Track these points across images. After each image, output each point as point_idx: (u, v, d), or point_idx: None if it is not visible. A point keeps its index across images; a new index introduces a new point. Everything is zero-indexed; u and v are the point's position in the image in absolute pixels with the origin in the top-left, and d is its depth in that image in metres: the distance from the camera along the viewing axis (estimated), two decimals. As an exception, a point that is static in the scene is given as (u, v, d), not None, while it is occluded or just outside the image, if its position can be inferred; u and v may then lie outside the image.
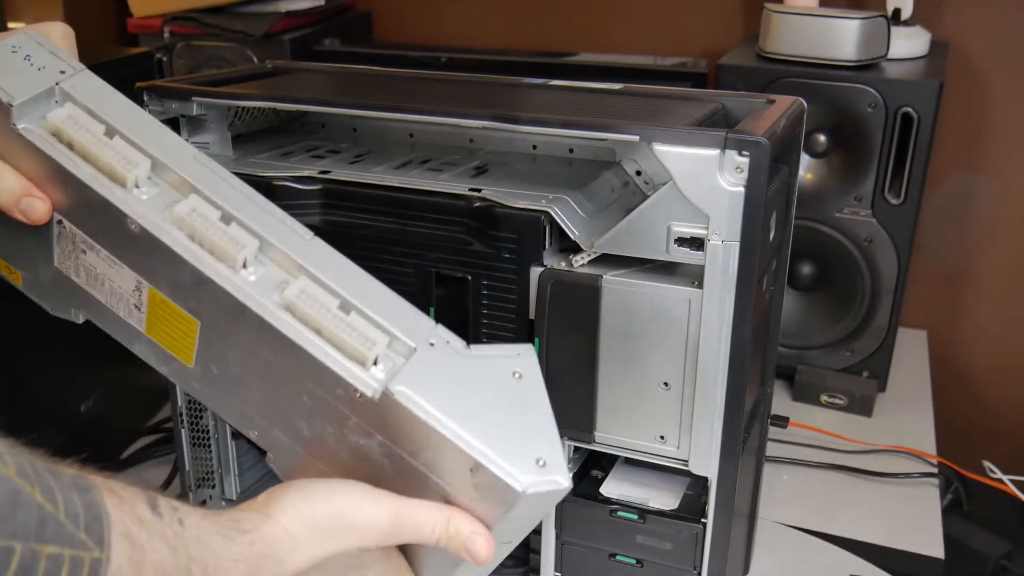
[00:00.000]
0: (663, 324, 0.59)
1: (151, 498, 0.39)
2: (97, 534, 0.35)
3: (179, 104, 0.70)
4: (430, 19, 1.44)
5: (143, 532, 0.37)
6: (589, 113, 0.66)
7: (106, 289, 0.51)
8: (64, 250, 0.51)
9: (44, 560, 0.33)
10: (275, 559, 0.42)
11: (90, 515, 0.35)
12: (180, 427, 0.80)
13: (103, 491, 0.36)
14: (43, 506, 0.33)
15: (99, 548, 0.35)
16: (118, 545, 0.36)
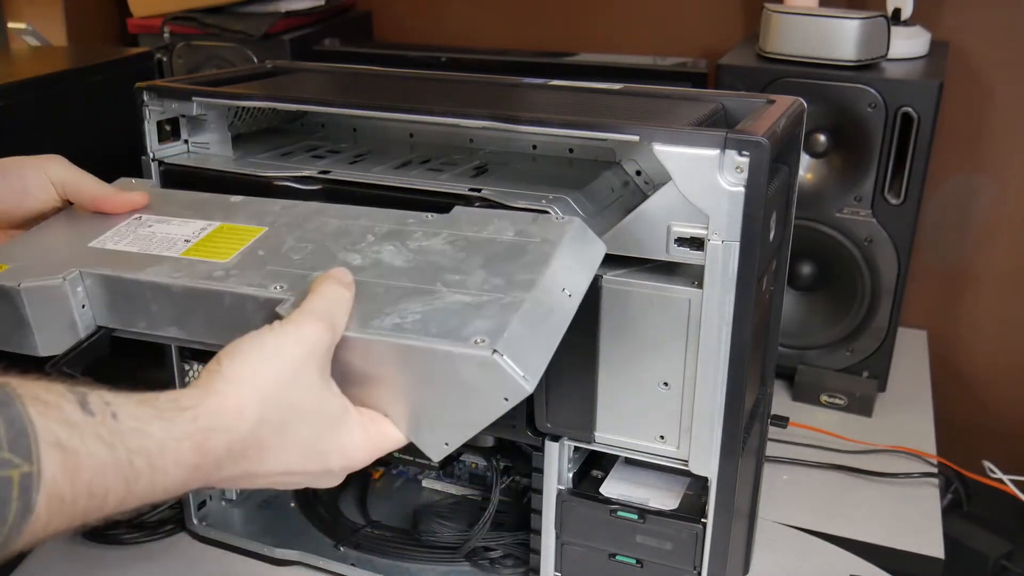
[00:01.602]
0: (663, 324, 0.59)
1: (81, 396, 0.37)
2: (23, 449, 0.34)
3: (179, 104, 0.70)
4: (430, 19, 1.44)
5: (74, 435, 0.36)
6: (589, 113, 0.66)
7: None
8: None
9: None
10: (223, 429, 0.41)
11: (12, 431, 0.34)
12: (180, 427, 0.80)
13: (26, 400, 0.35)
14: None
15: (27, 462, 0.34)
16: (48, 455, 0.34)
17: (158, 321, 0.52)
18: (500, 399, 0.45)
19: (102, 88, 0.93)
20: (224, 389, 0.42)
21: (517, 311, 0.46)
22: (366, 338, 0.46)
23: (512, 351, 0.44)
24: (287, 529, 0.82)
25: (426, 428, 0.48)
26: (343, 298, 0.47)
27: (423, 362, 0.45)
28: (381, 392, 0.48)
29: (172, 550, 0.82)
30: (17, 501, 0.33)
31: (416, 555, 0.78)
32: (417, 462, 0.77)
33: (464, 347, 0.44)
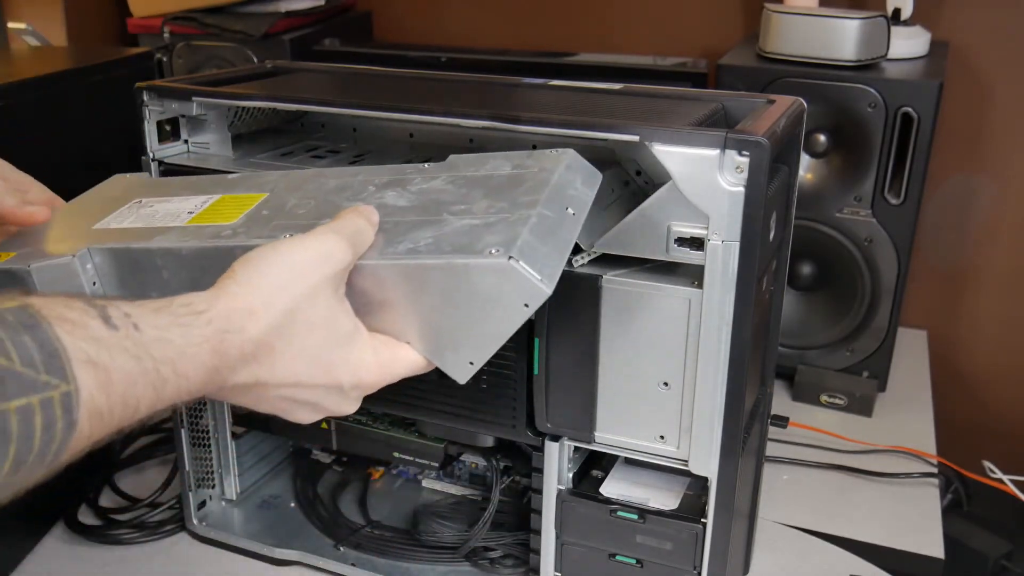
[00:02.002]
0: (663, 324, 0.60)
1: (102, 311, 0.38)
2: (58, 370, 0.35)
3: (179, 104, 0.70)
4: (430, 19, 1.44)
5: (103, 351, 0.37)
6: (589, 113, 0.66)
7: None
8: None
9: (14, 415, 0.33)
10: (235, 330, 0.43)
11: (45, 353, 0.35)
12: (180, 427, 0.80)
13: (52, 321, 0.36)
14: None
15: (65, 382, 0.35)
16: (82, 373, 0.36)
17: (171, 288, 0.52)
18: (520, 305, 0.46)
19: (102, 88, 0.93)
20: (235, 291, 0.44)
21: (526, 224, 0.47)
22: (383, 263, 0.47)
23: (527, 258, 0.45)
24: (287, 529, 0.82)
25: (449, 348, 0.48)
26: (365, 231, 0.49)
27: (441, 280, 0.46)
28: (401, 317, 0.48)
29: (172, 550, 0.82)
30: (62, 420, 0.35)
31: (416, 555, 0.78)
32: (417, 462, 0.77)
33: (480, 258, 0.45)
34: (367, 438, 0.77)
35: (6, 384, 0.33)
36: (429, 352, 0.49)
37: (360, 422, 0.78)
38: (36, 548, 0.81)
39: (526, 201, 0.50)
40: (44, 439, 0.34)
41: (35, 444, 0.34)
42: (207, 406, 0.81)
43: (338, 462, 0.91)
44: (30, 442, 0.34)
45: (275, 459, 0.92)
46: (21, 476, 0.35)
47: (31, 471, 0.35)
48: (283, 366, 0.45)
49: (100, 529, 0.83)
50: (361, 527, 0.82)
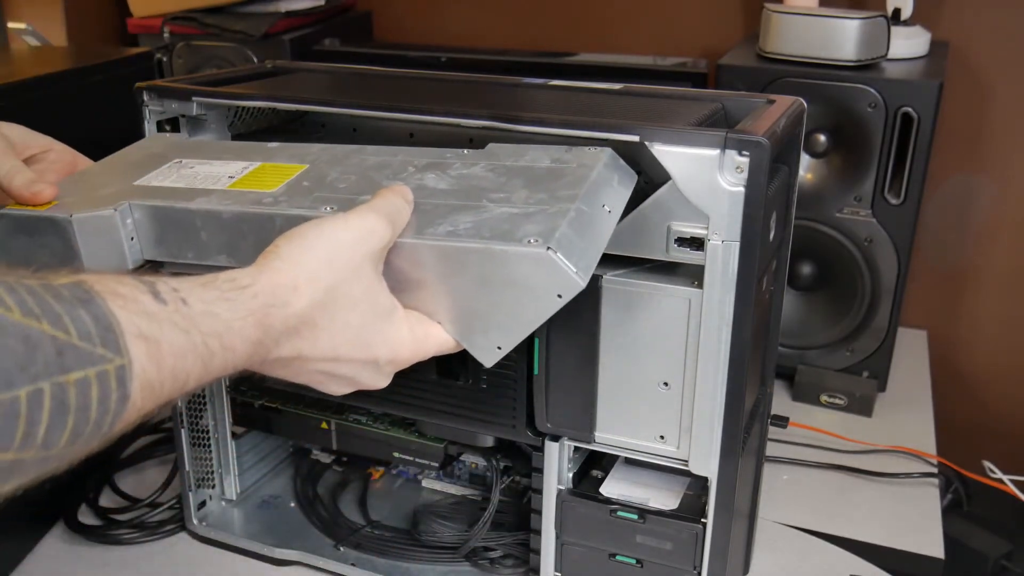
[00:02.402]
0: (663, 324, 0.60)
1: (151, 286, 0.39)
2: (113, 344, 0.36)
3: (179, 104, 0.70)
4: (430, 19, 1.44)
5: (154, 325, 0.38)
6: (589, 113, 0.66)
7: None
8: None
9: (73, 388, 0.34)
10: (280, 304, 0.44)
11: (100, 327, 0.36)
12: (180, 427, 0.80)
13: (105, 296, 0.37)
14: (56, 337, 0.34)
15: (119, 356, 0.36)
16: (135, 347, 0.37)
17: (207, 250, 0.53)
18: (554, 296, 0.47)
19: (102, 88, 0.93)
20: (278, 267, 0.45)
21: (565, 217, 0.48)
22: (422, 243, 0.48)
23: (564, 249, 0.46)
24: (287, 529, 0.82)
25: (479, 332, 0.49)
26: (403, 209, 0.50)
27: (479, 263, 0.47)
28: (434, 297, 0.49)
29: (172, 550, 0.82)
30: (116, 392, 0.36)
31: (416, 555, 0.78)
32: (417, 462, 0.77)
33: (519, 246, 0.46)
34: (367, 438, 0.77)
35: (65, 357, 0.34)
36: (459, 334, 0.50)
37: (360, 422, 0.78)
38: (36, 548, 0.81)
39: (565, 195, 0.51)
40: (99, 411, 0.35)
41: (91, 416, 0.35)
42: (207, 406, 0.81)
43: (338, 462, 0.91)
44: (87, 414, 0.35)
45: (275, 459, 0.92)
46: (78, 447, 0.35)
47: (87, 442, 0.36)
48: (324, 341, 0.46)
49: (100, 529, 0.83)
50: (361, 527, 0.82)
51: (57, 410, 0.33)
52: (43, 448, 0.34)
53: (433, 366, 0.67)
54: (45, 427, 0.33)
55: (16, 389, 0.32)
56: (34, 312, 0.34)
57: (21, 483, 0.35)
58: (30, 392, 0.32)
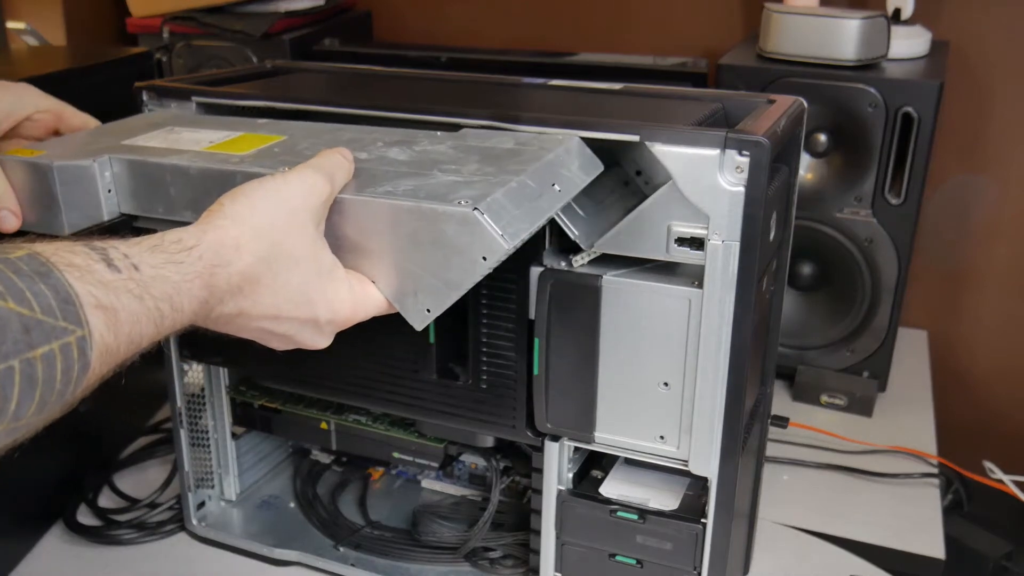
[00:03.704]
0: (663, 324, 0.59)
1: (103, 254, 0.40)
2: (73, 316, 0.37)
3: (179, 104, 0.70)
4: (430, 19, 1.44)
5: (110, 294, 0.39)
6: (589, 113, 0.66)
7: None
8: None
9: (40, 362, 0.35)
10: (223, 263, 0.45)
11: (60, 300, 0.37)
12: (179, 427, 0.80)
13: (62, 268, 0.38)
14: (22, 314, 0.35)
15: (79, 327, 0.37)
16: (94, 317, 0.38)
17: (175, 205, 0.56)
18: (479, 258, 0.47)
19: (101, 88, 0.93)
20: (223, 224, 0.45)
21: (503, 186, 0.50)
22: (357, 199, 0.50)
23: (492, 212, 0.47)
24: (287, 529, 0.82)
25: (409, 294, 0.50)
26: (343, 165, 0.51)
27: (409, 221, 0.48)
28: (369, 256, 0.51)
29: (172, 550, 0.82)
30: (78, 362, 0.37)
31: (416, 555, 0.78)
32: (417, 462, 0.77)
33: (447, 205, 0.47)
34: (367, 438, 0.77)
35: (31, 334, 0.35)
36: (392, 294, 0.51)
37: (360, 422, 0.78)
38: (35, 548, 0.81)
39: (513, 169, 0.53)
40: (63, 382, 0.36)
41: (56, 387, 0.36)
42: (206, 406, 0.81)
43: (338, 462, 0.91)
44: (52, 385, 0.36)
45: (275, 459, 0.92)
46: (43, 416, 0.37)
47: (51, 410, 0.37)
48: (266, 299, 0.47)
49: (99, 529, 0.83)
50: (361, 527, 0.82)
51: (26, 384, 0.35)
52: (12, 420, 0.35)
53: (433, 366, 0.67)
54: (16, 402, 0.34)
55: None
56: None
57: None
58: (2, 370, 0.33)
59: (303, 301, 0.48)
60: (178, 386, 0.78)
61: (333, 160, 0.51)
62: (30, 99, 0.64)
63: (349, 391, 0.72)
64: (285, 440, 0.91)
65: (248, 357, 0.74)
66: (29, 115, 0.64)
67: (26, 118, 0.64)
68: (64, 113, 0.66)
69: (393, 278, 0.50)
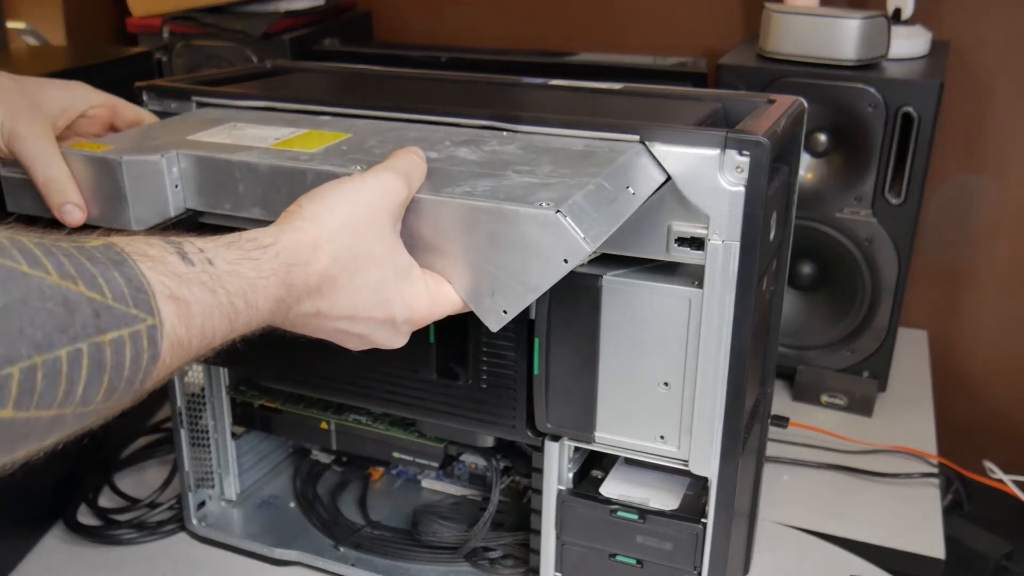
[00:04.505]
0: (663, 324, 0.59)
1: (178, 247, 0.41)
2: (145, 305, 0.37)
3: (179, 104, 0.70)
4: (430, 19, 1.44)
5: (182, 286, 0.39)
6: (589, 113, 0.66)
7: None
8: None
9: (108, 347, 0.35)
10: (301, 263, 0.45)
11: (132, 288, 0.37)
12: (179, 427, 0.80)
13: (136, 258, 0.38)
14: (93, 299, 0.35)
15: (151, 316, 0.37)
16: (166, 307, 0.38)
17: (243, 202, 0.56)
18: (560, 260, 0.47)
19: (102, 88, 0.92)
20: (300, 226, 0.46)
21: (582, 189, 0.49)
22: (437, 199, 0.50)
23: (574, 215, 0.47)
24: (287, 529, 0.82)
25: (486, 294, 0.50)
26: (418, 165, 0.51)
27: (489, 223, 0.48)
28: (446, 256, 0.51)
29: (172, 550, 0.82)
30: (148, 351, 0.37)
31: (416, 555, 0.78)
32: (417, 462, 0.76)
33: (529, 207, 0.47)
34: (367, 438, 0.77)
35: (101, 318, 0.35)
36: (469, 295, 0.51)
37: (360, 422, 0.78)
38: (36, 548, 0.81)
39: (588, 172, 0.52)
40: (132, 369, 0.37)
41: (125, 373, 0.36)
42: (206, 406, 0.81)
43: (338, 462, 0.91)
44: (121, 371, 0.36)
45: (275, 459, 0.92)
46: (112, 403, 0.37)
47: (120, 398, 0.37)
48: (344, 299, 0.47)
49: (100, 529, 0.83)
50: (361, 527, 0.82)
51: (94, 369, 0.35)
52: (81, 405, 0.35)
53: (433, 366, 0.67)
54: (83, 385, 0.34)
55: (57, 350, 0.33)
56: (71, 274, 0.35)
57: (60, 438, 0.36)
58: (70, 352, 0.33)
59: (380, 301, 0.49)
60: (178, 386, 0.78)
61: (409, 161, 0.51)
62: (83, 95, 0.64)
63: (349, 391, 0.72)
64: (285, 440, 0.91)
65: (248, 357, 0.74)
66: (83, 111, 0.65)
67: (81, 115, 0.65)
68: (118, 107, 0.66)
69: (470, 278, 0.50)
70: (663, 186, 0.56)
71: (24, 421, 0.33)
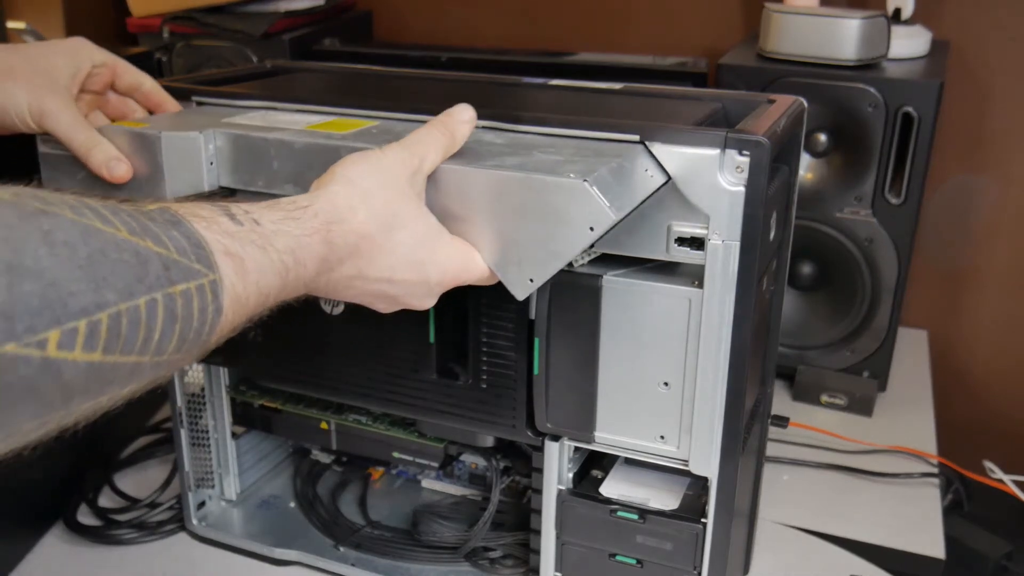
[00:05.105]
0: (663, 324, 0.59)
1: (226, 210, 0.43)
2: (205, 260, 0.39)
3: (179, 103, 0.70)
4: (430, 19, 1.44)
5: (235, 243, 0.42)
6: (589, 113, 0.66)
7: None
8: None
9: (179, 299, 0.37)
10: (340, 220, 0.47)
11: (192, 245, 0.39)
12: (179, 427, 0.80)
13: (190, 218, 0.40)
14: (160, 253, 0.37)
15: (211, 271, 0.39)
16: (223, 263, 0.40)
17: (276, 179, 0.58)
18: (587, 228, 0.49)
19: (102, 88, 0.92)
20: (335, 189, 0.48)
21: (606, 164, 0.52)
22: (467, 169, 0.52)
23: (600, 185, 0.49)
24: (287, 529, 0.82)
25: (513, 263, 0.52)
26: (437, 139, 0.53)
27: (519, 192, 0.51)
28: (475, 226, 0.53)
29: (172, 550, 0.82)
30: (212, 304, 0.39)
31: (416, 555, 0.78)
32: (417, 462, 0.76)
33: (559, 177, 0.50)
34: (367, 438, 0.77)
35: (170, 271, 0.37)
36: (496, 264, 0.53)
37: (360, 422, 0.78)
38: (36, 548, 0.81)
39: (611, 155, 0.55)
40: (199, 320, 0.38)
41: (194, 324, 0.38)
42: (206, 406, 0.81)
43: (338, 462, 0.91)
44: (190, 323, 0.38)
45: (275, 459, 0.92)
46: (182, 355, 0.39)
47: (189, 350, 0.39)
48: (381, 260, 0.49)
49: (100, 529, 0.83)
50: (361, 527, 0.82)
51: (168, 319, 0.36)
52: (156, 354, 0.37)
53: (433, 366, 0.67)
54: (159, 334, 0.36)
55: (136, 299, 0.35)
56: (138, 231, 0.36)
57: (136, 388, 0.38)
58: (147, 301, 0.35)
59: (415, 261, 0.50)
60: (178, 386, 0.78)
61: (424, 136, 0.53)
62: (87, 55, 0.65)
63: (349, 391, 0.72)
64: (285, 440, 0.91)
65: (248, 357, 0.74)
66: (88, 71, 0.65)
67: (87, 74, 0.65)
68: (118, 67, 0.67)
69: (497, 248, 0.52)
70: (663, 186, 0.56)
71: (111, 366, 0.34)
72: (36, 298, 0.31)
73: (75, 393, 0.34)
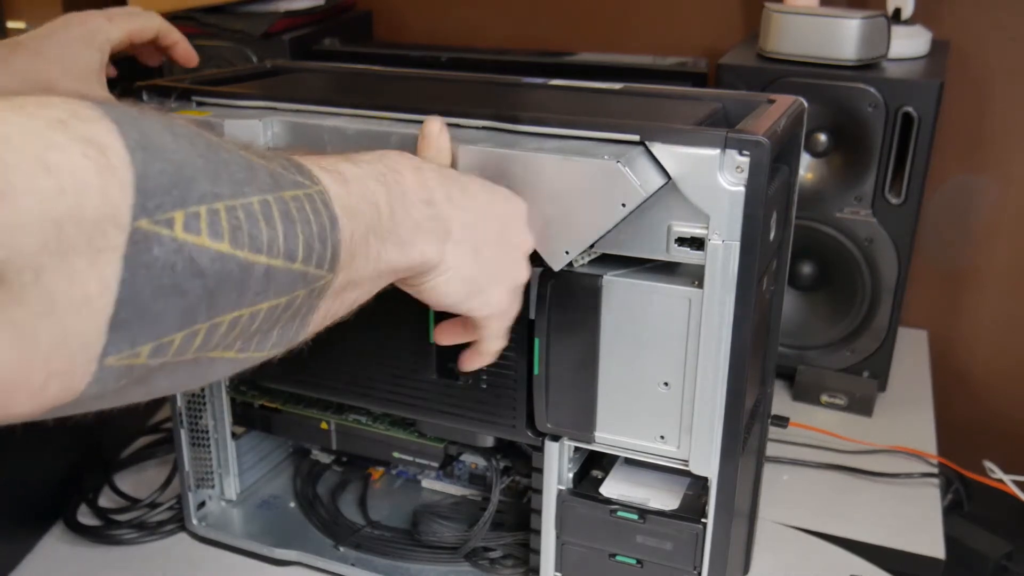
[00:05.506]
0: (663, 324, 0.59)
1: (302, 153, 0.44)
2: (307, 174, 0.41)
3: (179, 103, 0.70)
4: (430, 19, 1.44)
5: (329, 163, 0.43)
6: (589, 113, 0.66)
7: None
8: None
9: (291, 202, 0.38)
10: (394, 170, 0.48)
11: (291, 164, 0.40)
12: (179, 427, 0.80)
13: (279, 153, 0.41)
14: (264, 164, 0.38)
15: (314, 183, 0.40)
16: (323, 176, 0.42)
17: None
18: (619, 204, 0.55)
19: (102, 88, 0.92)
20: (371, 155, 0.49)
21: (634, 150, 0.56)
22: (508, 152, 0.56)
23: (631, 166, 0.54)
24: (287, 529, 0.82)
25: (552, 237, 0.57)
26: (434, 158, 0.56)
27: (557, 173, 0.55)
28: None
29: (172, 550, 0.82)
30: (325, 211, 0.40)
31: (416, 555, 0.78)
32: (417, 462, 0.76)
33: (593, 158, 0.55)
34: (367, 438, 0.77)
35: (276, 179, 0.38)
36: (535, 237, 0.57)
37: (360, 422, 0.78)
38: (36, 548, 0.81)
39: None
40: (318, 225, 0.39)
41: (314, 228, 0.38)
42: (206, 406, 0.81)
43: (338, 462, 0.91)
44: (310, 227, 0.38)
45: (275, 459, 0.92)
46: (312, 268, 0.39)
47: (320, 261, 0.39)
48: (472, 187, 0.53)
49: (100, 529, 0.83)
50: (361, 527, 0.82)
51: (285, 219, 0.37)
52: (287, 258, 0.37)
53: (433, 366, 0.67)
54: (282, 235, 0.36)
55: (249, 197, 0.35)
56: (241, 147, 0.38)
57: (278, 301, 0.37)
58: (260, 201, 0.36)
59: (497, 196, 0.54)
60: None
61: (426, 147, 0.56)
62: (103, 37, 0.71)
63: (349, 391, 0.72)
64: (285, 440, 0.91)
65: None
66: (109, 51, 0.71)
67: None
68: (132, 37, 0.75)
69: (537, 223, 0.56)
70: (663, 186, 0.56)
71: (243, 264, 0.34)
72: (167, 176, 0.32)
73: (216, 294, 0.33)
